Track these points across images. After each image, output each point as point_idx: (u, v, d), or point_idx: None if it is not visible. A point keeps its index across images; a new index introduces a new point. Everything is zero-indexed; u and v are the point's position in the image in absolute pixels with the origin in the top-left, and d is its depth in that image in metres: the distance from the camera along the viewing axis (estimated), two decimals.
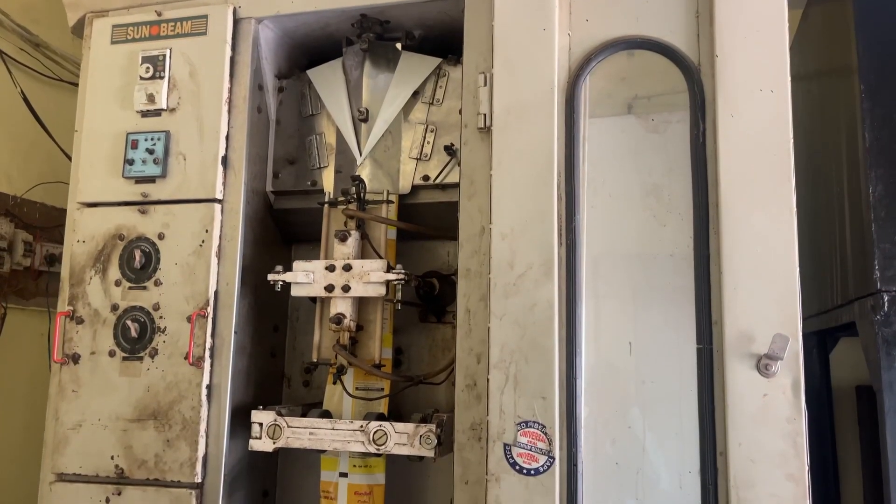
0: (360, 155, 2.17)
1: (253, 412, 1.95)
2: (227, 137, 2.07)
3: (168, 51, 2.10)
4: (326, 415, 2.00)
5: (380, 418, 1.91)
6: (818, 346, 2.72)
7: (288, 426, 1.92)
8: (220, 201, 2.04)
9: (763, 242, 1.61)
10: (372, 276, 1.94)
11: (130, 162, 2.08)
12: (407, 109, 2.16)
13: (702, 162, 1.70)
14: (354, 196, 2.06)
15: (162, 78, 2.09)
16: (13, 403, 2.95)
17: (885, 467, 1.90)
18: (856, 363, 2.75)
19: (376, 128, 2.15)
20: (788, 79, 1.66)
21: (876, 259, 1.94)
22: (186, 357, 1.96)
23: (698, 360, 1.64)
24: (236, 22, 2.13)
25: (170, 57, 2.10)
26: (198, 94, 2.08)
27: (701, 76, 1.72)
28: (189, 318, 1.98)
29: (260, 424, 1.94)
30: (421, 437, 1.82)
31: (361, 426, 1.87)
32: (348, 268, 1.96)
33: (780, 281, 1.59)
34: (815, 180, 2.51)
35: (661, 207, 1.74)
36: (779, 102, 1.66)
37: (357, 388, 2.05)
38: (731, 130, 1.67)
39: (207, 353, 1.97)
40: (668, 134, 1.77)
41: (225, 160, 2.06)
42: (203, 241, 2.02)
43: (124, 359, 2.01)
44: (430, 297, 2.19)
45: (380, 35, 2.19)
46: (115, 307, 2.04)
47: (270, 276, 2.00)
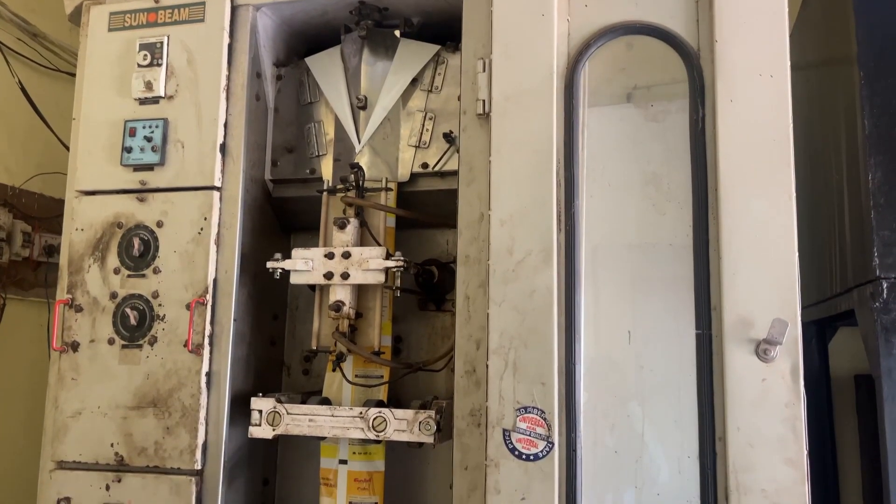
0: (359, 143, 2.16)
1: (252, 399, 1.96)
2: (226, 125, 2.07)
3: (166, 38, 2.10)
4: (326, 402, 2.00)
5: (379, 405, 1.91)
6: (817, 335, 2.72)
7: (287, 413, 1.92)
8: (218, 189, 2.04)
9: (762, 227, 1.61)
10: (371, 264, 1.94)
11: (128, 150, 2.07)
12: (406, 97, 2.15)
13: (701, 147, 1.69)
14: (353, 184, 2.06)
15: (160, 65, 2.08)
16: (13, 394, 2.95)
17: (883, 454, 1.90)
18: (854, 353, 2.76)
19: (375, 115, 2.15)
20: (788, 64, 1.66)
21: (875, 246, 1.93)
22: (186, 344, 1.96)
23: (697, 345, 1.64)
24: (234, 9, 2.12)
25: (167, 44, 2.09)
26: (196, 81, 2.07)
27: (700, 61, 1.71)
28: (188, 306, 1.98)
29: (259, 411, 1.94)
30: (420, 423, 1.83)
31: (361, 413, 1.87)
32: (347, 255, 1.96)
33: (779, 266, 1.59)
34: (814, 170, 2.51)
35: (661, 196, 1.74)
36: (778, 87, 1.65)
37: (356, 375, 2.05)
38: (731, 116, 1.66)
39: (206, 341, 1.97)
40: (667, 123, 1.77)
41: (223, 148, 2.06)
42: (202, 229, 2.01)
43: (123, 346, 2.01)
44: (429, 285, 2.19)
45: (378, 22, 2.19)
46: (114, 295, 2.04)
47: (269, 264, 2.00)
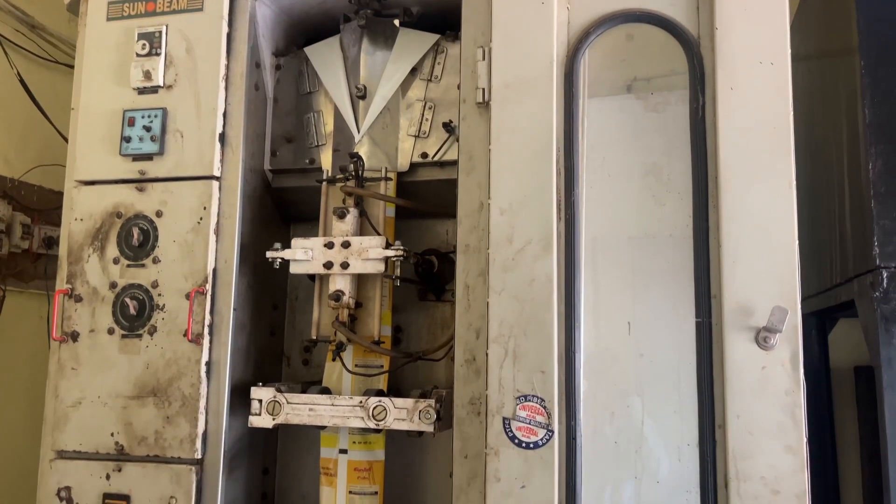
0: (359, 132, 2.16)
1: (252, 389, 1.95)
2: (225, 115, 2.06)
3: (164, 27, 2.09)
4: (326, 392, 2.00)
5: (379, 395, 1.91)
6: (817, 327, 2.73)
7: (287, 402, 1.92)
8: (217, 178, 2.03)
9: (762, 215, 1.61)
10: (371, 253, 1.93)
11: (127, 139, 2.07)
12: (405, 86, 2.14)
13: (701, 136, 1.69)
14: (353, 173, 2.06)
15: (158, 55, 2.08)
16: (12, 386, 2.95)
17: (883, 444, 1.90)
18: (854, 345, 2.76)
19: (374, 105, 2.14)
20: (789, 51, 1.65)
21: (875, 235, 1.93)
22: (185, 334, 1.95)
23: (697, 333, 1.64)
24: None
25: (166, 33, 2.08)
26: (195, 70, 2.07)
27: (700, 49, 1.71)
28: (188, 296, 1.97)
29: (259, 401, 1.94)
30: (420, 412, 1.83)
31: (361, 402, 1.87)
32: (347, 245, 1.95)
33: (779, 254, 1.59)
34: (815, 162, 2.50)
35: (661, 187, 1.73)
36: (779, 75, 1.65)
37: (356, 365, 2.05)
38: (731, 103, 1.66)
39: (206, 331, 1.96)
40: (667, 114, 1.76)
41: (222, 137, 2.05)
42: (201, 219, 2.01)
43: (123, 336, 2.01)
44: (429, 276, 2.19)
45: (377, 11, 2.18)
46: (113, 285, 2.04)
47: (269, 254, 2.00)
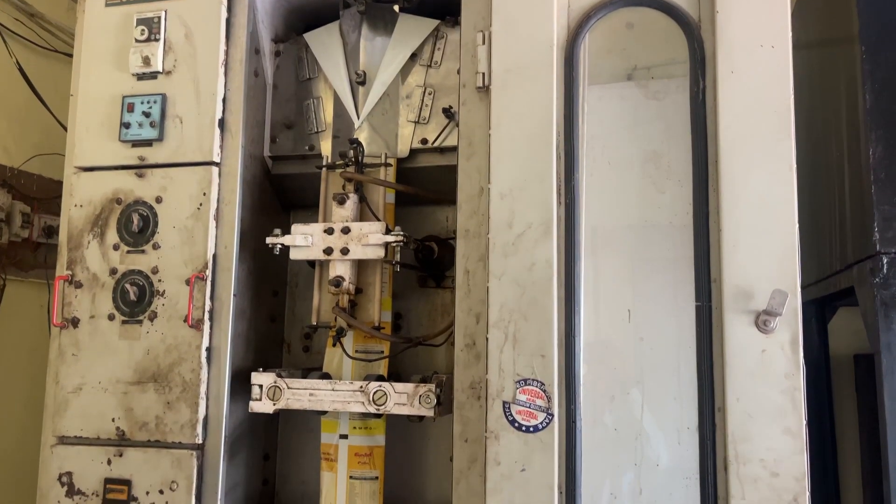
0: (358, 118, 2.15)
1: (253, 374, 1.96)
2: (224, 100, 2.06)
3: (163, 13, 2.08)
4: (326, 377, 2.00)
5: (379, 380, 1.92)
6: (817, 315, 2.72)
7: (288, 388, 1.92)
8: (217, 164, 2.03)
9: (762, 199, 1.60)
10: (371, 239, 1.93)
11: (127, 125, 2.06)
12: (405, 72, 2.14)
13: (701, 120, 1.68)
14: (352, 160, 2.05)
15: (157, 40, 2.07)
16: (13, 374, 2.95)
17: (882, 430, 1.90)
18: (854, 333, 2.76)
19: (374, 91, 2.14)
20: (790, 35, 1.65)
21: (875, 221, 1.93)
22: (186, 320, 1.96)
23: (697, 317, 1.64)
24: None
25: (165, 19, 2.08)
26: (194, 56, 2.06)
27: (701, 33, 1.70)
28: (188, 281, 1.98)
29: (260, 386, 1.94)
30: (420, 396, 1.83)
31: (361, 387, 1.87)
32: (347, 230, 1.95)
33: (779, 237, 1.59)
34: (815, 151, 2.50)
35: (661, 175, 1.73)
36: (779, 58, 1.64)
37: (357, 351, 2.05)
38: (732, 87, 1.65)
39: (206, 316, 1.97)
40: (667, 101, 1.76)
41: (222, 123, 2.05)
42: (201, 205, 2.01)
43: (124, 322, 2.01)
44: (429, 262, 2.19)
45: None
46: (113, 271, 2.04)
47: (269, 240, 2.00)
